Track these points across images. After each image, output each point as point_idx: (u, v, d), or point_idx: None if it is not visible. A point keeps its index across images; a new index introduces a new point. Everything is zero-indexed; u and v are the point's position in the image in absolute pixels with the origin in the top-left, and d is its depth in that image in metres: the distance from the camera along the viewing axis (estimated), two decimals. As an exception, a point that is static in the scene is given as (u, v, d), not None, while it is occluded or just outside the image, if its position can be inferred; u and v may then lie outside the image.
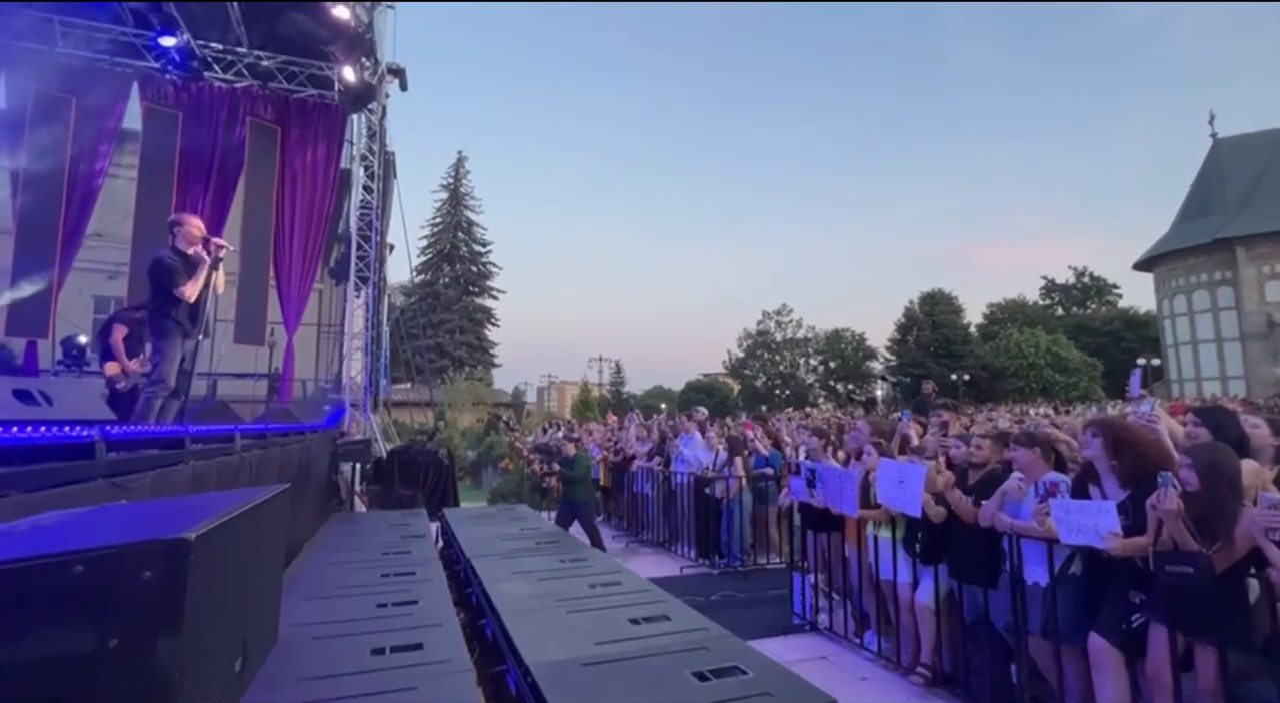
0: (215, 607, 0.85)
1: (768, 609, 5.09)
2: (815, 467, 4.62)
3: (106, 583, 0.69)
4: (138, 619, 0.70)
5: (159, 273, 4.23)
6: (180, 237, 4.31)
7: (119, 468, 2.52)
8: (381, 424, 10.93)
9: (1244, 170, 29.86)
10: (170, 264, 4.21)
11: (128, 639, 0.70)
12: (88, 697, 0.68)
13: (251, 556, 1.06)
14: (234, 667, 0.96)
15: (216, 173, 9.45)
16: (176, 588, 0.72)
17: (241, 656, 1.00)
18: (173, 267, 4.20)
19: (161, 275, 4.20)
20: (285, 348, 9.68)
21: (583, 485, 6.94)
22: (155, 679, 0.69)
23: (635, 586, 3.82)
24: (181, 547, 0.73)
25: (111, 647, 0.69)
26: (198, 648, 0.78)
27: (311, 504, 6.18)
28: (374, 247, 10.55)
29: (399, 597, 3.48)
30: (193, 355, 4.44)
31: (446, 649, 2.71)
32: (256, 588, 1.08)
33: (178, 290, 4.15)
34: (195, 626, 0.75)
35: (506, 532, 5.62)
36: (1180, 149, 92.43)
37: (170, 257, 4.26)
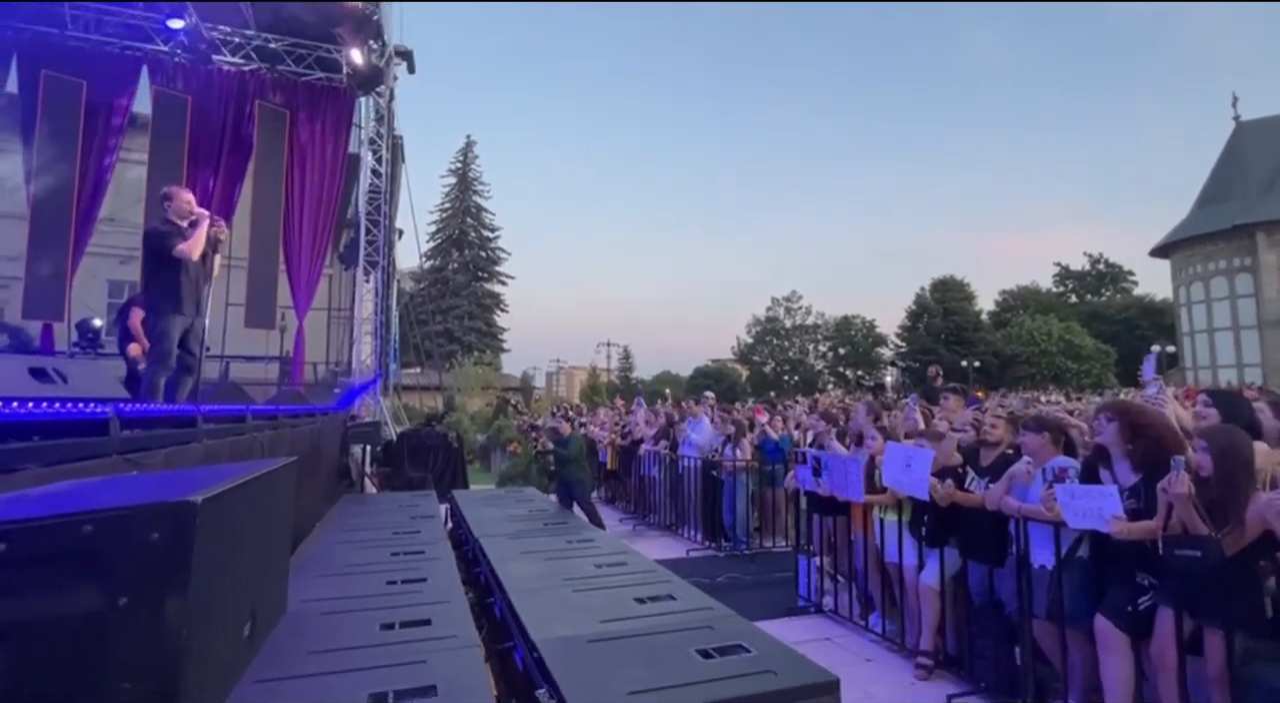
0: (223, 571, 0.87)
1: (773, 592, 5.13)
2: (821, 456, 4.62)
3: (116, 543, 0.70)
4: (146, 579, 0.72)
5: (153, 239, 4.19)
6: (171, 210, 4.25)
7: (133, 445, 2.56)
8: (392, 408, 11.02)
9: (1267, 154, 29.17)
10: (163, 228, 4.17)
11: (136, 598, 0.71)
12: (100, 654, 0.69)
13: (259, 524, 1.07)
14: (243, 631, 0.98)
15: (226, 156, 9.49)
16: (184, 549, 0.73)
17: (250, 622, 1.02)
18: (164, 230, 4.16)
19: (155, 241, 4.16)
20: (296, 332, 9.76)
21: (576, 464, 6.97)
22: (164, 638, 0.71)
23: (641, 566, 3.85)
24: (189, 509, 0.74)
25: (121, 605, 0.70)
26: (205, 609, 0.79)
27: (322, 485, 6.26)
28: (383, 231, 10.57)
29: (408, 575, 3.53)
30: (200, 336, 4.44)
31: (454, 625, 2.75)
32: (264, 557, 1.10)
33: (176, 250, 4.08)
34: (203, 587, 0.76)
35: (514, 513, 5.67)
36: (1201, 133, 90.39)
37: (161, 223, 4.23)
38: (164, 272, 4.16)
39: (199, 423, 3.34)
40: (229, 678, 0.91)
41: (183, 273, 4.17)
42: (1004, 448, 3.59)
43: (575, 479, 6.90)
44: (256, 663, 2.33)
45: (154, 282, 4.22)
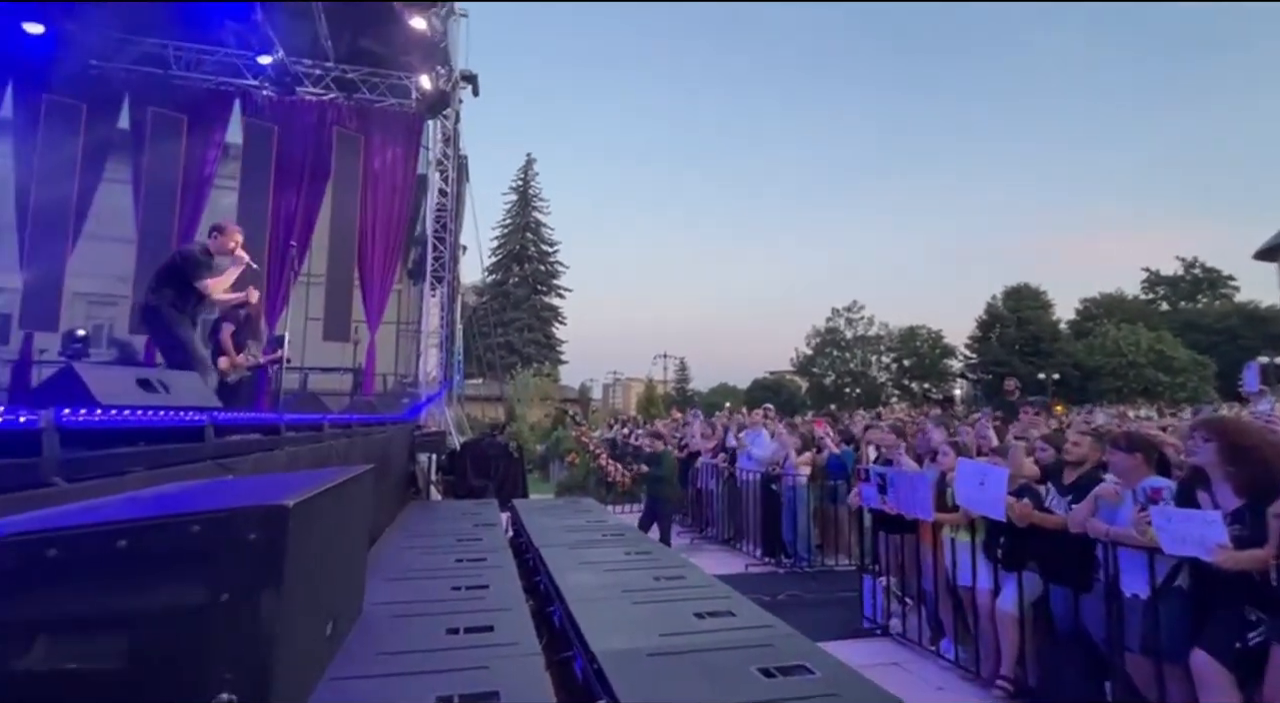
0: (309, 572, 0.92)
1: (836, 611, 4.97)
2: (887, 472, 4.46)
3: (219, 543, 0.76)
4: (245, 577, 0.77)
5: (185, 261, 4.24)
6: (215, 243, 4.40)
7: (225, 451, 2.76)
8: (455, 418, 11.39)
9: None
10: (198, 257, 4.26)
11: (236, 594, 0.76)
12: (204, 644, 0.75)
13: (340, 528, 1.13)
14: (325, 630, 1.03)
15: (307, 181, 10.13)
16: (277, 550, 0.78)
17: (332, 621, 1.07)
18: (200, 260, 4.25)
19: (187, 265, 4.22)
20: (367, 345, 10.25)
21: (667, 483, 6.99)
22: (259, 632, 0.76)
23: (700, 581, 3.82)
24: (281, 512, 0.79)
25: (223, 600, 0.76)
26: (294, 608, 0.84)
27: (391, 492, 6.52)
28: (448, 247, 10.99)
29: (471, 581, 3.62)
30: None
31: (516, 633, 2.80)
32: (344, 559, 1.16)
33: (200, 283, 4.18)
34: (293, 587, 0.81)
35: (573, 523, 5.73)
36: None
37: (200, 252, 4.33)
38: (179, 296, 4.21)
39: (282, 431, 3.55)
40: (313, 674, 0.96)
41: (193, 302, 4.24)
42: (1089, 466, 3.38)
43: (664, 498, 6.93)
44: (334, 661, 2.45)
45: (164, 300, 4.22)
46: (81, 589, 0.73)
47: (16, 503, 1.43)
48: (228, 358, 6.18)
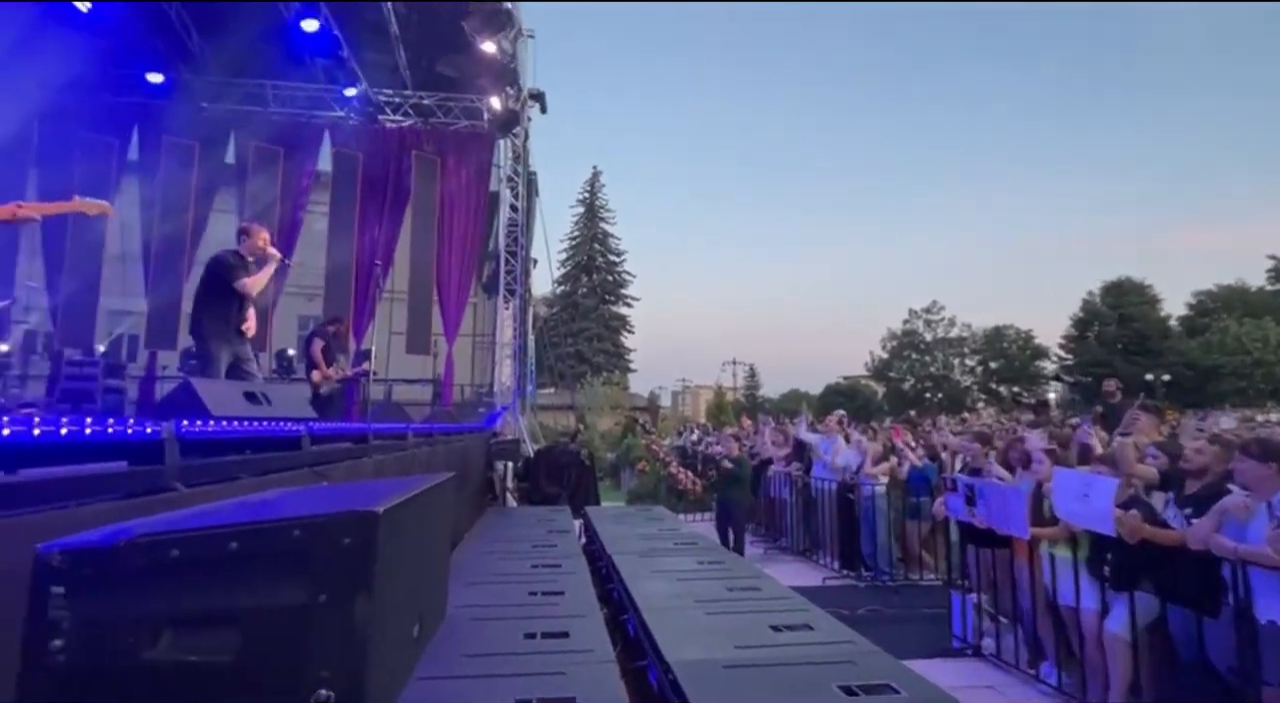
0: (398, 575, 0.96)
1: (922, 629, 4.72)
2: (974, 483, 4.20)
3: (317, 546, 0.81)
4: (340, 579, 0.81)
5: (220, 267, 4.34)
6: (245, 246, 4.49)
7: (320, 458, 2.95)
8: (529, 426, 11.69)
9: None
10: (231, 261, 4.37)
11: (333, 595, 0.80)
12: (305, 642, 0.79)
13: (425, 533, 1.18)
14: (413, 632, 1.07)
15: (389, 203, 10.73)
16: (369, 554, 0.82)
17: (419, 623, 1.11)
18: (233, 263, 4.35)
19: (221, 270, 4.32)
20: (446, 357, 10.70)
21: (742, 487, 6.97)
22: (353, 632, 0.80)
23: (775, 592, 3.72)
24: (372, 518, 0.83)
25: (321, 601, 0.80)
26: (385, 609, 0.87)
27: (470, 498, 6.76)
28: (519, 261, 11.34)
29: (547, 587, 3.69)
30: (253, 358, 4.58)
31: (591, 639, 2.83)
32: (429, 563, 1.20)
33: (239, 283, 4.27)
34: (383, 589, 0.85)
35: (645, 531, 5.74)
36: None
37: (232, 255, 4.44)
38: (220, 301, 4.32)
39: (370, 439, 3.76)
40: (403, 673, 1.01)
41: (235, 305, 4.34)
42: (1212, 476, 3.06)
43: (736, 502, 6.90)
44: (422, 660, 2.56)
45: (208, 310, 4.34)
46: (199, 587, 0.79)
47: (144, 507, 1.58)
48: (319, 371, 6.62)
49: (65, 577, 0.76)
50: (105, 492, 1.65)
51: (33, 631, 0.75)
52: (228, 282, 4.26)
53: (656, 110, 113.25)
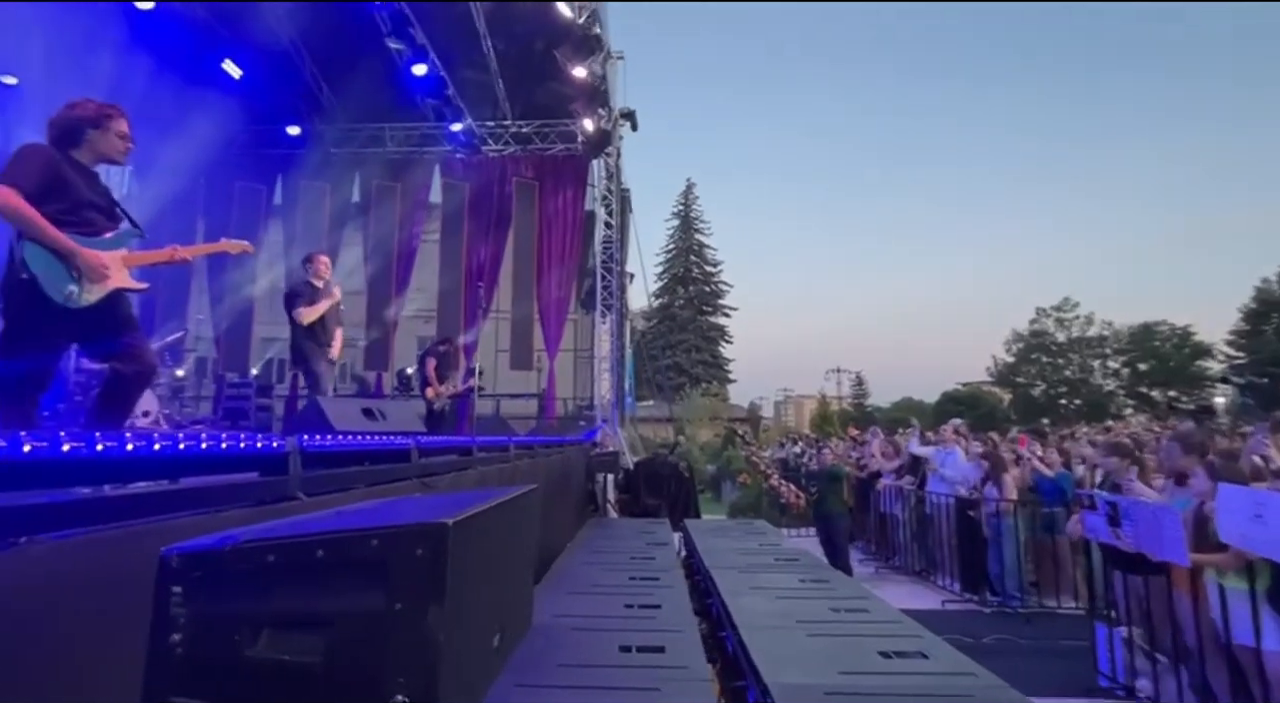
0: (473, 585, 0.98)
1: (1059, 664, 4.23)
2: (1118, 501, 3.72)
3: (393, 556, 0.85)
4: (414, 588, 0.84)
5: (285, 299, 4.90)
6: (310, 272, 4.95)
7: (427, 470, 3.14)
8: (629, 438, 11.84)
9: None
10: (297, 290, 4.87)
11: (408, 603, 0.84)
12: (383, 647, 0.83)
13: (506, 545, 1.20)
14: (492, 642, 1.10)
15: (493, 228, 11.36)
16: (440, 564, 0.85)
17: (499, 634, 1.13)
18: (299, 291, 4.85)
19: (286, 301, 4.89)
20: (548, 372, 11.10)
21: (836, 499, 6.68)
22: (427, 640, 0.82)
23: (884, 615, 3.49)
24: (442, 530, 0.86)
25: (397, 608, 0.83)
26: (458, 619, 0.90)
27: (571, 509, 6.92)
28: (615, 276, 11.57)
29: (644, 600, 3.68)
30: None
31: (686, 656, 2.78)
32: (509, 575, 1.22)
33: (295, 312, 4.74)
34: (456, 599, 0.88)
35: (745, 546, 5.60)
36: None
37: (299, 286, 4.92)
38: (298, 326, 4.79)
39: (474, 452, 3.96)
40: (482, 682, 1.03)
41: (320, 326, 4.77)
42: None
43: (837, 512, 6.64)
44: (520, 669, 2.63)
45: (296, 333, 4.83)
46: (292, 591, 0.86)
47: (268, 514, 1.75)
48: (433, 388, 7.09)
49: (182, 577, 0.85)
50: (240, 500, 1.85)
51: (156, 625, 0.84)
52: (290, 312, 4.76)
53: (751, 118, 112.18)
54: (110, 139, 2.52)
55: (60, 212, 2.35)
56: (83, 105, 2.49)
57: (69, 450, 1.20)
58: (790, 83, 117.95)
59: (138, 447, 1.38)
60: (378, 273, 10.93)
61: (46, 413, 5.37)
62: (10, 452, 1.09)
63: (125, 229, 2.64)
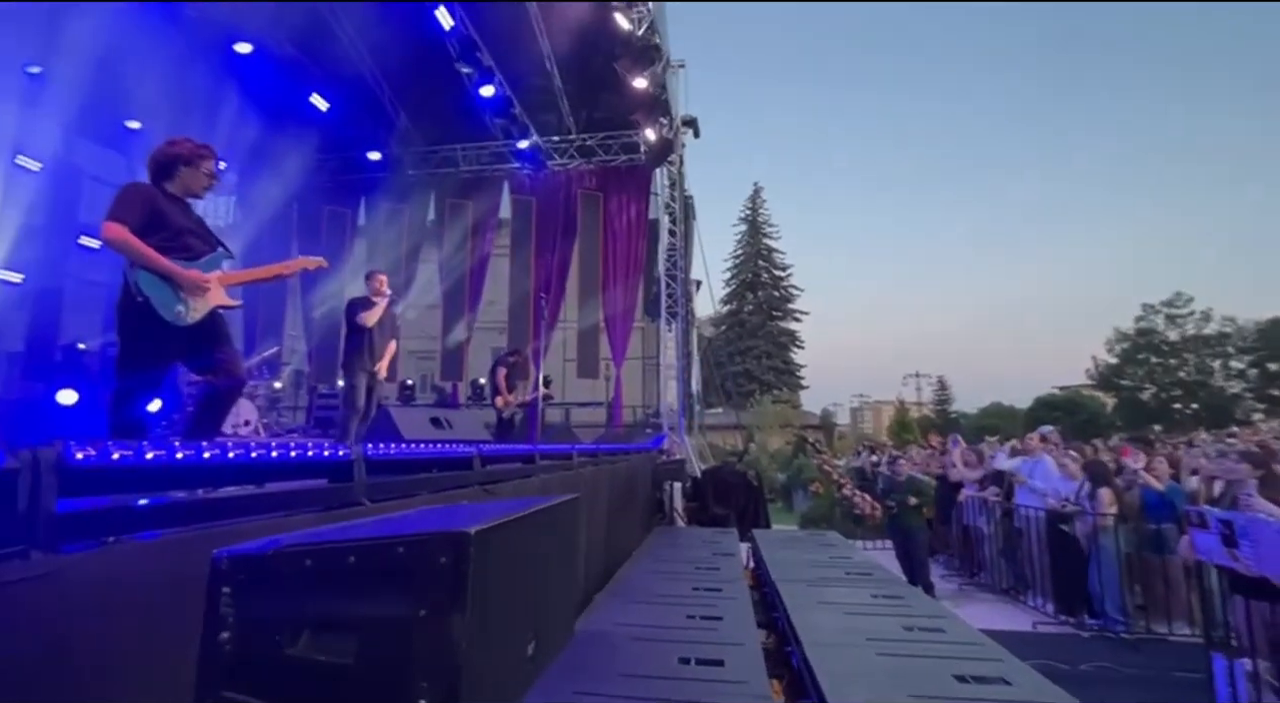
0: (499, 594, 1.00)
1: (1169, 696, 3.83)
2: (1233, 518, 3.34)
3: (418, 564, 0.87)
4: (437, 595, 0.87)
5: (348, 309, 5.24)
6: (370, 287, 5.30)
7: (490, 478, 3.23)
8: (696, 446, 11.75)
9: None
10: (358, 301, 5.25)
11: (431, 610, 0.86)
12: (409, 652, 0.85)
13: (539, 554, 1.22)
14: (525, 651, 1.11)
15: (559, 240, 11.63)
16: (461, 573, 0.86)
17: (534, 642, 1.15)
18: (359, 302, 5.21)
19: (349, 310, 5.23)
20: (614, 380, 11.22)
21: (918, 510, 6.38)
22: (449, 646, 0.84)
23: (963, 636, 3.28)
24: (464, 539, 0.88)
25: (421, 615, 0.86)
26: (484, 626, 0.91)
27: (637, 517, 6.93)
28: (679, 284, 11.57)
29: (706, 611, 3.63)
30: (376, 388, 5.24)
31: (746, 671, 2.72)
32: (547, 584, 1.23)
33: (358, 318, 5.09)
34: (481, 606, 0.89)
35: (815, 558, 5.42)
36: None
37: (360, 299, 5.28)
38: (354, 336, 5.16)
39: (537, 460, 4.04)
40: (512, 690, 1.04)
41: (367, 340, 5.09)
42: None
43: (916, 526, 6.35)
44: (578, 676, 2.65)
45: (348, 343, 5.21)
46: (326, 595, 0.90)
47: (332, 519, 1.85)
48: (502, 397, 7.31)
49: (230, 579, 0.91)
50: (310, 505, 1.97)
51: (208, 623, 0.90)
52: (352, 318, 5.16)
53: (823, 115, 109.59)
54: (199, 176, 2.77)
55: (163, 240, 2.60)
56: (180, 144, 2.74)
57: (151, 458, 1.32)
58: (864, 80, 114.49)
59: (214, 454, 1.50)
60: (452, 287, 11.42)
61: (164, 423, 5.95)
62: (101, 458, 1.21)
63: (219, 252, 2.88)
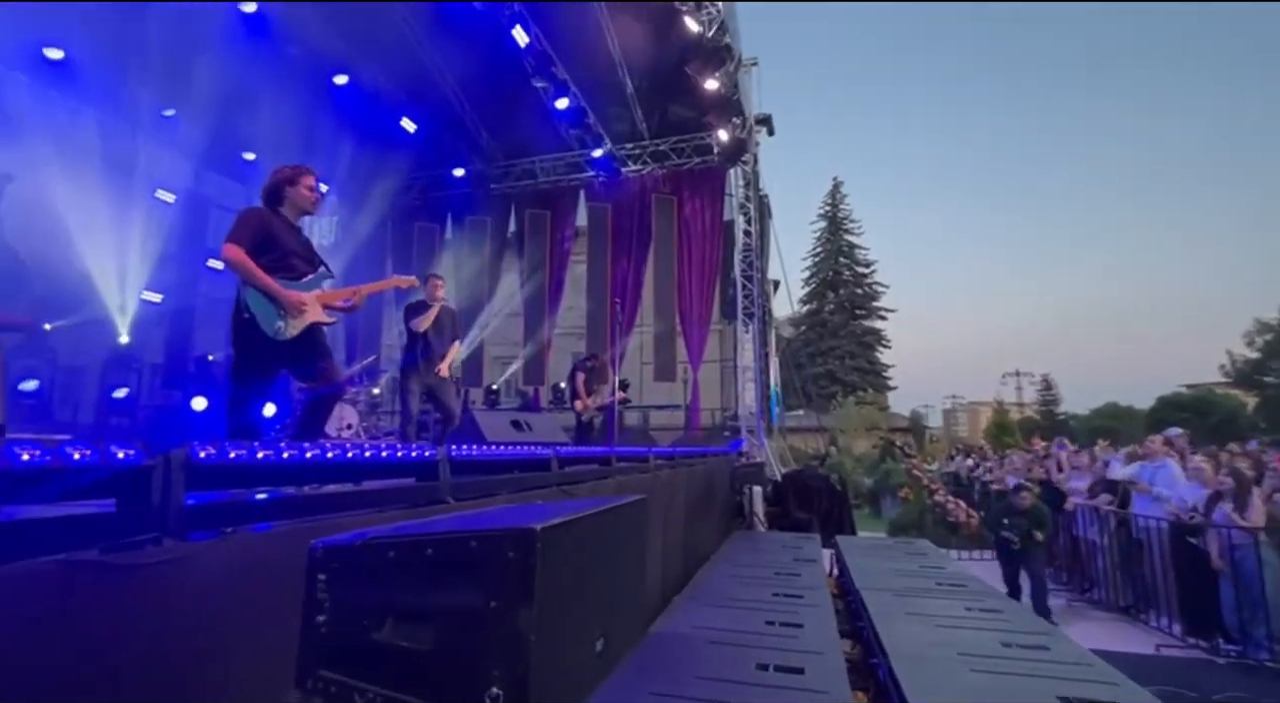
0: (568, 590, 1.03)
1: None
2: None
3: (489, 558, 0.92)
4: (506, 588, 0.91)
5: (405, 313, 5.39)
6: (426, 291, 5.44)
7: (568, 479, 3.33)
8: (777, 450, 11.50)
9: None
10: (414, 305, 5.40)
11: (501, 603, 0.90)
12: (480, 641, 0.90)
13: (607, 552, 1.25)
14: (594, 647, 1.14)
15: (635, 245, 11.75)
16: (528, 568, 0.91)
17: (603, 639, 1.18)
18: (415, 307, 5.36)
19: (405, 316, 5.40)
20: (692, 383, 11.18)
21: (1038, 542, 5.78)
22: (518, 638, 0.89)
23: (1070, 655, 3.03)
24: (530, 535, 0.92)
25: (492, 607, 0.91)
26: (551, 620, 0.95)
27: (715, 520, 6.89)
28: (756, 284, 11.38)
29: (785, 618, 3.56)
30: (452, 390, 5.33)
31: (827, 680, 2.64)
32: (613, 584, 1.26)
33: (411, 322, 5.24)
34: (548, 601, 0.93)
35: (903, 568, 5.19)
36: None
37: (416, 303, 5.42)
38: (409, 342, 5.29)
39: (613, 462, 4.11)
40: (581, 685, 1.07)
41: (421, 345, 5.19)
42: None
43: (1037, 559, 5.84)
44: (654, 676, 2.67)
45: (404, 349, 5.35)
46: (407, 585, 0.96)
47: (419, 515, 1.97)
48: (581, 400, 7.47)
49: (325, 566, 1.00)
50: (399, 502, 2.11)
51: (307, 607, 0.99)
52: (406, 324, 5.37)
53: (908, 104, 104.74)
54: (302, 192, 3.04)
55: (271, 261, 2.87)
56: (281, 170, 3.03)
57: (261, 458, 1.46)
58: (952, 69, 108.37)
59: (314, 454, 1.64)
60: (532, 295, 11.80)
61: (278, 426, 6.52)
62: (220, 457, 1.36)
63: (320, 272, 3.14)
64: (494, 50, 9.22)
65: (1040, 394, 40.67)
